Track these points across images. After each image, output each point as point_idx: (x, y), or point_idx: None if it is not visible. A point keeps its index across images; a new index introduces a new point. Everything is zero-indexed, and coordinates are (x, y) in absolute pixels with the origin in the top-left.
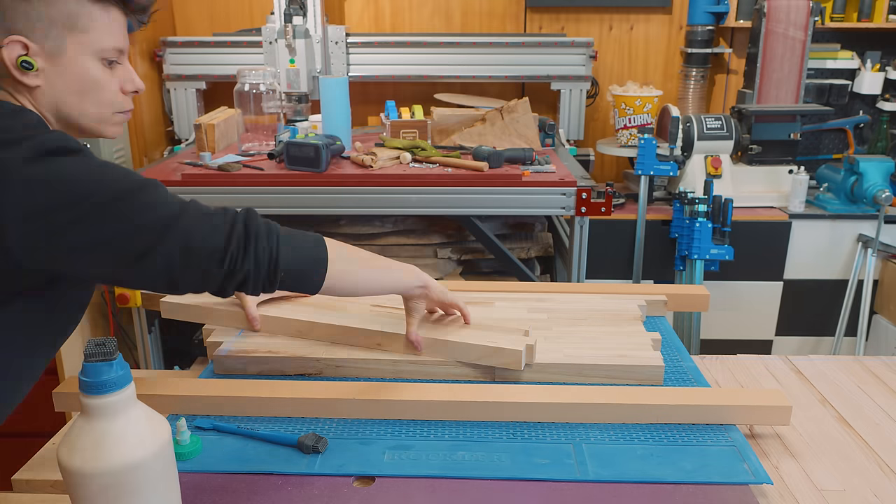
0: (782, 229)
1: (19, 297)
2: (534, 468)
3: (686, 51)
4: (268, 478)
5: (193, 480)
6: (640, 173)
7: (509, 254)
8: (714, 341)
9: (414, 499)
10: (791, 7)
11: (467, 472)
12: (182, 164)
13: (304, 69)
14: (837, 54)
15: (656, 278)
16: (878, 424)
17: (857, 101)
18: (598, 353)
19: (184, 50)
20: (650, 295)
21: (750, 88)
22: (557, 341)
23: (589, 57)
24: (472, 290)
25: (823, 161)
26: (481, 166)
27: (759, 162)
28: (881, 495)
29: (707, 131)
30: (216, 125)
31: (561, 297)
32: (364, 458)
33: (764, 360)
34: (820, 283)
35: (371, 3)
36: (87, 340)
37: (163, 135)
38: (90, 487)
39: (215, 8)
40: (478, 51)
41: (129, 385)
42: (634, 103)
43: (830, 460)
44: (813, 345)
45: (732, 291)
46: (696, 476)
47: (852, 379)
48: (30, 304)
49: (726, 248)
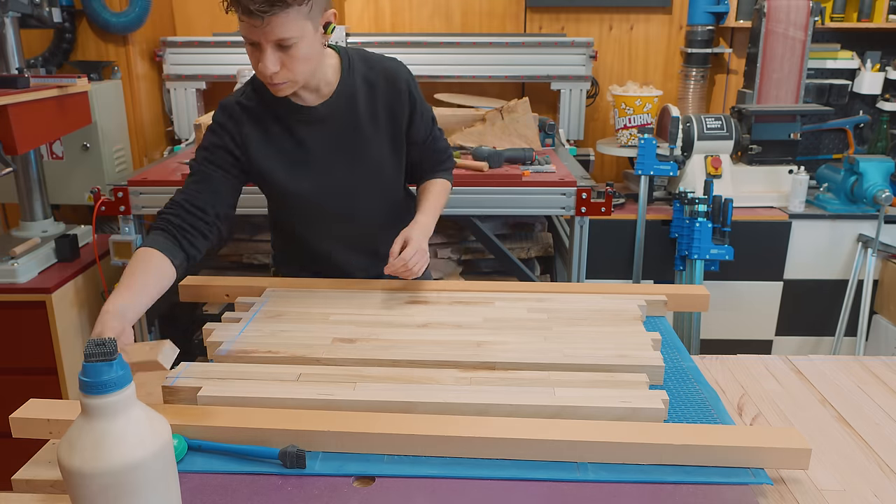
0: (782, 229)
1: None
2: (534, 468)
3: (686, 51)
4: (268, 478)
5: (193, 480)
6: (640, 173)
7: (509, 254)
8: (714, 341)
9: (414, 499)
10: (791, 7)
11: (467, 472)
12: (182, 164)
13: None
14: (837, 54)
15: (656, 278)
16: (878, 424)
17: (857, 101)
18: (598, 353)
19: (184, 50)
20: (650, 295)
21: (750, 88)
22: (557, 341)
23: (589, 57)
24: (472, 290)
25: (823, 161)
26: (481, 166)
27: (759, 162)
28: (881, 495)
29: (707, 131)
30: None
31: (561, 297)
32: (364, 458)
33: (764, 360)
34: (820, 283)
35: (371, 3)
36: (87, 340)
37: (163, 135)
38: (90, 487)
39: (215, 8)
40: (478, 51)
41: (130, 385)
42: (634, 103)
43: (830, 460)
44: (813, 345)
45: (732, 291)
46: (696, 477)
47: (852, 379)
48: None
49: (726, 248)
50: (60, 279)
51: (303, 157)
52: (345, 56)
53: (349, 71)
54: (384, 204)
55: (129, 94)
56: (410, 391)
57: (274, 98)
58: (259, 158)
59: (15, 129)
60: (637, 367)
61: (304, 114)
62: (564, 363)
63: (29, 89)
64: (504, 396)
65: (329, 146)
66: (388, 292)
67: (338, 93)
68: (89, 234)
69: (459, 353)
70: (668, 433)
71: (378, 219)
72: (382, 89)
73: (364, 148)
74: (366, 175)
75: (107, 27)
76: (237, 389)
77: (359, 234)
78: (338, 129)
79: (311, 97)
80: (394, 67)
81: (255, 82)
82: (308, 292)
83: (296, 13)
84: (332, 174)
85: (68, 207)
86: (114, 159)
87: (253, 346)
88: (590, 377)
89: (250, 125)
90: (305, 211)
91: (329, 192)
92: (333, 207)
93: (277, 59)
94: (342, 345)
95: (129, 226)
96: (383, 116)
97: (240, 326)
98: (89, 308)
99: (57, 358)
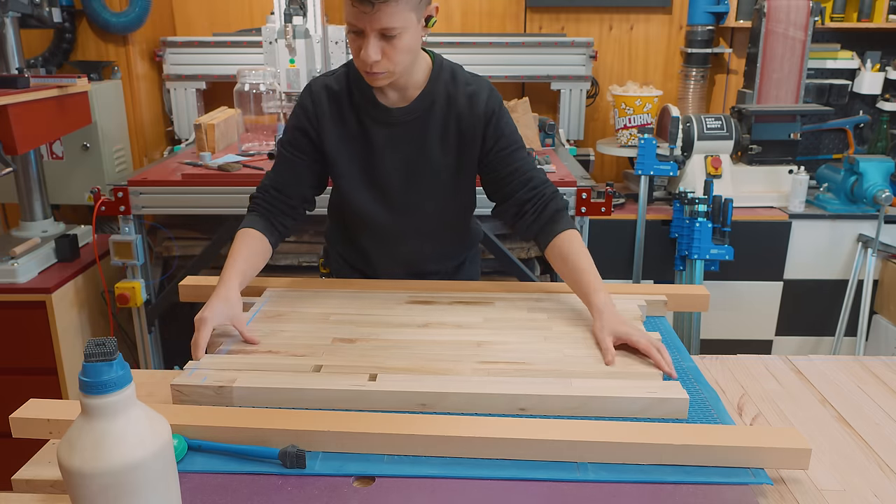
0: (782, 229)
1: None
2: (534, 468)
3: (686, 51)
4: (268, 478)
5: (193, 480)
6: (640, 173)
7: (509, 254)
8: (714, 341)
9: (414, 499)
10: (791, 7)
11: (467, 472)
12: (182, 164)
13: (304, 69)
14: (837, 54)
15: (656, 278)
16: (878, 424)
17: (857, 101)
18: (599, 353)
19: (184, 50)
20: (650, 295)
21: (750, 88)
22: (558, 341)
23: (589, 57)
24: (472, 290)
25: (823, 161)
26: None
27: (759, 162)
28: (881, 495)
29: (707, 131)
30: (216, 125)
31: (561, 297)
32: (364, 458)
33: (764, 360)
34: (820, 283)
35: None
36: (87, 340)
37: (163, 135)
38: (90, 487)
39: (215, 8)
40: (478, 51)
41: (129, 385)
42: (634, 103)
43: (830, 460)
44: (813, 345)
45: (732, 291)
46: (696, 477)
47: (852, 379)
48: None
49: (726, 248)
50: (60, 279)
51: (367, 155)
52: (437, 63)
53: (435, 80)
54: (436, 225)
55: (129, 94)
56: (437, 382)
57: (360, 89)
58: (329, 141)
59: (15, 129)
60: (639, 374)
61: (381, 113)
62: (567, 369)
63: (29, 89)
64: (529, 387)
65: (393, 152)
66: (388, 292)
67: (417, 100)
68: (89, 234)
69: (460, 354)
70: (667, 433)
71: (426, 239)
72: (460, 109)
73: (428, 161)
74: (422, 189)
75: (107, 27)
76: (269, 381)
77: (402, 245)
78: (406, 139)
79: (395, 97)
80: (478, 90)
81: (350, 69)
82: (308, 292)
83: (405, 3)
84: (389, 180)
85: (68, 207)
86: (114, 159)
87: (252, 347)
88: (605, 370)
89: (330, 106)
90: (359, 210)
91: (383, 196)
92: (383, 213)
93: (379, 48)
94: (342, 345)
95: (129, 226)
96: (453, 137)
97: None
98: (89, 308)
99: (57, 358)
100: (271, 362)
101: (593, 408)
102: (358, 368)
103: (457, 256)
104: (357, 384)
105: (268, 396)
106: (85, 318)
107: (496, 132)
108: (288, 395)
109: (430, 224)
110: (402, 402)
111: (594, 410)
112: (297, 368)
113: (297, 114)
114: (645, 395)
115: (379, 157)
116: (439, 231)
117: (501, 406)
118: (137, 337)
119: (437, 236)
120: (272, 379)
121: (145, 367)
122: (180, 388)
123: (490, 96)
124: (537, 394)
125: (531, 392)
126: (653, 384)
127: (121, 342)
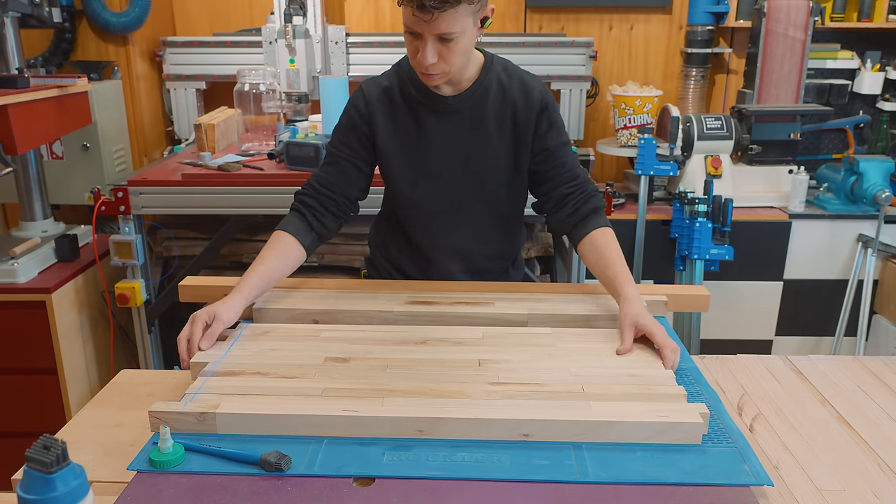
0: (782, 229)
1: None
2: (534, 469)
3: (686, 51)
4: (268, 478)
5: (193, 480)
6: (640, 173)
7: None
8: (714, 341)
9: (414, 499)
10: (791, 7)
11: (467, 472)
12: (182, 164)
13: (304, 69)
14: (837, 54)
15: (656, 278)
16: (878, 424)
17: (857, 101)
18: (607, 373)
19: (184, 50)
20: (650, 295)
21: (750, 88)
22: (563, 360)
23: (589, 57)
24: (472, 290)
25: (823, 161)
26: None
27: (759, 162)
28: (881, 495)
29: (707, 131)
30: (216, 125)
31: (561, 298)
32: (364, 459)
33: (764, 360)
34: (820, 283)
35: (371, 3)
36: (38, 438)
37: (163, 135)
38: None
39: (215, 8)
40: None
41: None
42: (634, 103)
43: (830, 460)
44: (813, 345)
45: (732, 291)
46: (696, 477)
47: (852, 379)
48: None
49: (726, 248)
50: (60, 279)
51: (424, 147)
52: (488, 57)
53: (488, 71)
54: (490, 214)
55: (129, 94)
56: (435, 407)
57: (413, 84)
58: (382, 138)
59: (15, 129)
60: (660, 396)
61: (436, 102)
62: (570, 390)
63: (29, 89)
64: (532, 412)
65: (450, 140)
66: (389, 293)
67: (472, 88)
68: (89, 234)
69: (459, 374)
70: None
71: (481, 228)
72: (515, 97)
73: (483, 148)
74: (478, 177)
75: (107, 27)
76: (256, 406)
77: (459, 238)
78: (463, 123)
79: (449, 89)
80: (531, 82)
81: (402, 67)
82: (297, 298)
83: (464, 10)
84: (448, 167)
85: (68, 207)
86: (114, 159)
87: (240, 368)
88: (623, 389)
89: (382, 104)
90: (413, 203)
91: (439, 187)
92: (440, 204)
93: (436, 51)
94: (335, 365)
95: (128, 226)
96: (509, 123)
97: (226, 345)
98: (89, 308)
99: (57, 358)
100: (260, 385)
101: (601, 433)
102: (357, 392)
103: (508, 256)
104: (349, 409)
105: (254, 423)
106: (85, 318)
107: (549, 123)
108: (276, 422)
109: (485, 214)
110: (398, 429)
111: (602, 436)
112: (289, 392)
113: (348, 113)
114: (655, 420)
115: (436, 147)
116: (494, 223)
117: (502, 432)
118: (137, 337)
119: (492, 228)
120: (259, 404)
121: (145, 367)
122: (159, 415)
123: (543, 89)
124: (541, 419)
125: (535, 417)
126: (672, 406)
127: (121, 342)
